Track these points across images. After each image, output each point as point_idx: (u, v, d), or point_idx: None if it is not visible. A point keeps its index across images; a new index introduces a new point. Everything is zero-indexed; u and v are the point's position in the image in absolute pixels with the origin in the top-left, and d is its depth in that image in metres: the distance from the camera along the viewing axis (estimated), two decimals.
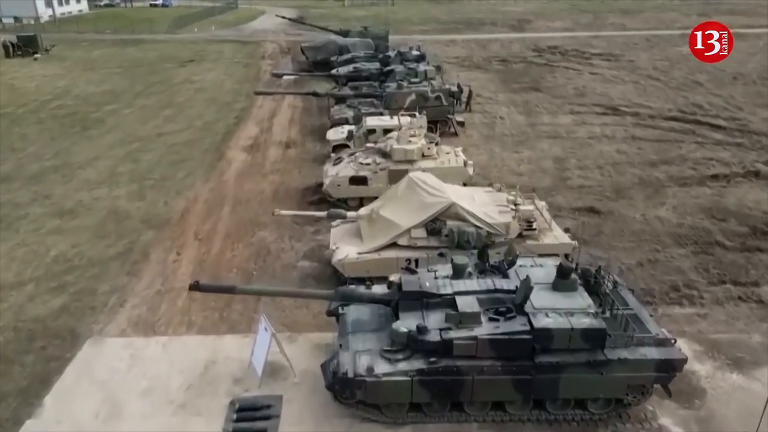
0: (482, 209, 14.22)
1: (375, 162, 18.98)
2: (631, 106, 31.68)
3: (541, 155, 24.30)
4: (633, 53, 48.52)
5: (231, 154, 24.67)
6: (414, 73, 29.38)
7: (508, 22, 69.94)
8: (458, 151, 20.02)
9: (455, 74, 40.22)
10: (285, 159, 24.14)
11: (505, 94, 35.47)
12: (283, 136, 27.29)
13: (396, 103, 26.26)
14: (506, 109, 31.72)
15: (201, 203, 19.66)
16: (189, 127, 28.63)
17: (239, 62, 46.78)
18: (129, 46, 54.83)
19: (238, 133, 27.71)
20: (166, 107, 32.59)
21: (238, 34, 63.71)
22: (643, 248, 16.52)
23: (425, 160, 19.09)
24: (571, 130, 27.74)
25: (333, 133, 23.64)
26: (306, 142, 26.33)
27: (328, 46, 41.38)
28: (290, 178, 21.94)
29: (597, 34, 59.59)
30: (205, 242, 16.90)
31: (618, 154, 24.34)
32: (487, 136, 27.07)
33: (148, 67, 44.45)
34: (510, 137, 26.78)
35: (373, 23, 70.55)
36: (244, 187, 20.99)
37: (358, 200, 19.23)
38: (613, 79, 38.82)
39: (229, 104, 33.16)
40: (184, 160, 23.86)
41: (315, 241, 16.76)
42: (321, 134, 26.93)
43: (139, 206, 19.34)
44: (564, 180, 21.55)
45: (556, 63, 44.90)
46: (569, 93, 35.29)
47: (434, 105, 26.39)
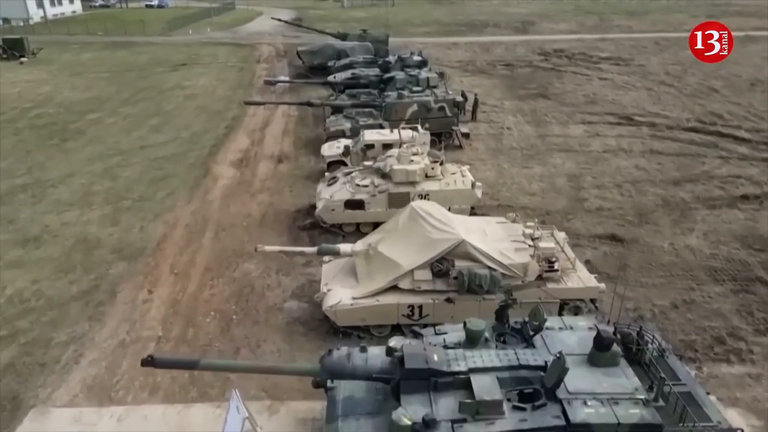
0: (496, 246, 12.34)
1: (373, 184, 17.11)
2: (646, 116, 29.80)
3: (554, 171, 22.41)
4: (643, 57, 46.64)
5: (218, 170, 22.78)
6: (415, 81, 27.51)
7: (511, 24, 68.08)
8: (465, 170, 18.13)
9: (458, 80, 38.38)
10: (276, 175, 22.26)
11: (511, 101, 33.60)
12: (275, 149, 25.40)
13: (396, 114, 24.39)
14: (513, 119, 29.84)
15: (181, 229, 17.78)
16: (175, 139, 26.74)
17: (233, 66, 44.91)
18: (120, 49, 52.94)
19: (227, 146, 25.82)
20: (153, 116, 30.70)
21: (233, 36, 61.83)
22: (676, 285, 14.64)
23: (429, 182, 17.22)
24: (584, 142, 25.85)
25: (328, 148, 21.76)
26: (299, 156, 24.45)
27: (326, 50, 39.50)
28: (281, 198, 20.06)
29: (604, 37, 57.71)
30: (181, 277, 15.02)
31: (637, 170, 22.45)
32: (494, 149, 25.19)
33: (138, 72, 42.57)
34: (519, 150, 24.90)
35: (373, 25, 68.66)
36: (229, 209, 19.11)
37: (354, 226, 17.43)
38: (625, 86, 36.93)
39: (219, 113, 31.27)
40: (167, 177, 21.97)
41: (305, 276, 14.90)
42: (316, 147, 25.06)
43: (111, 233, 17.46)
44: (580, 201, 19.66)
45: (564, 67, 43.02)
46: (579, 100, 33.42)
47: (437, 116, 24.52)
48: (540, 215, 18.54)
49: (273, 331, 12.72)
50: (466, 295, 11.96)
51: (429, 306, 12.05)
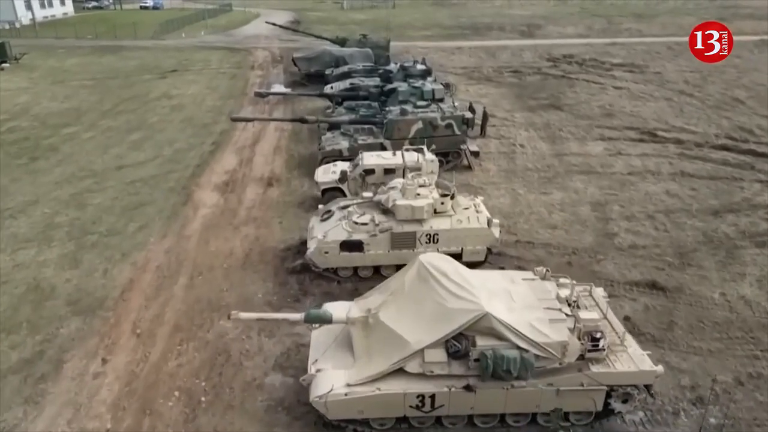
0: (526, 317, 9.91)
1: (373, 221, 14.70)
2: (670, 130, 27.40)
3: (576, 198, 20.00)
4: (657, 63, 44.26)
5: (200, 196, 20.37)
6: (419, 94, 25.15)
7: (516, 27, 65.71)
8: (479, 203, 15.70)
9: (464, 89, 36.02)
10: (265, 202, 19.86)
11: (521, 113, 31.20)
12: (265, 170, 23.00)
13: (399, 132, 22.00)
14: (526, 134, 27.44)
15: (151, 272, 15.35)
16: (156, 157, 24.33)
17: (225, 73, 42.51)
18: (108, 54, 50.54)
19: (212, 166, 23.40)
20: (134, 130, 28.28)
21: (228, 40, 59.44)
22: (736, 351, 12.24)
23: (438, 219, 14.81)
24: (605, 162, 23.44)
25: (323, 173, 19.35)
26: (292, 179, 22.04)
27: (323, 57, 37.09)
28: (268, 232, 17.65)
29: (614, 41, 55.36)
30: (144, 339, 12.61)
31: (668, 197, 20.04)
32: (507, 170, 22.77)
33: (124, 79, 40.15)
34: (535, 172, 22.49)
35: (373, 28, 66.34)
36: (209, 247, 16.69)
37: (351, 270, 15.03)
38: (642, 95, 34.54)
39: (207, 126, 28.86)
40: (142, 205, 19.56)
41: (291, 338, 12.50)
42: (310, 167, 22.66)
43: (69, 278, 15.04)
44: (610, 236, 17.23)
45: (575, 75, 40.64)
46: (595, 112, 31.02)
47: (444, 134, 22.13)
48: (565, 254, 16.17)
49: (249, 419, 10.31)
50: (490, 382, 9.55)
51: (444, 395, 9.64)
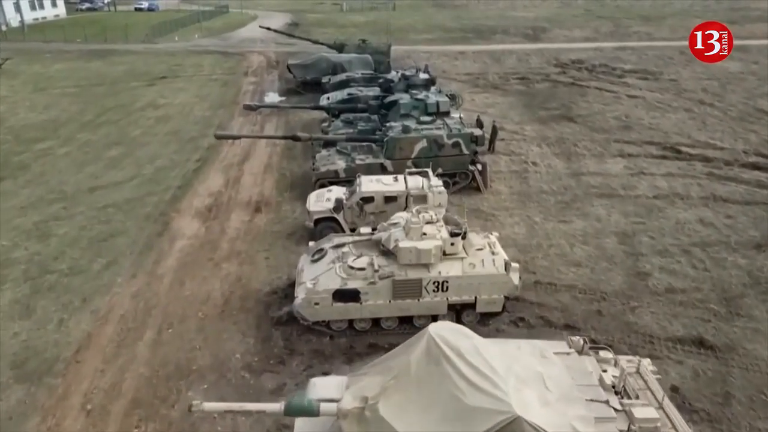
0: (566, 415, 7.77)
1: (372, 266, 12.57)
2: (694, 146, 25.29)
3: (599, 228, 17.87)
4: (671, 70, 42.15)
5: (179, 224, 18.24)
6: (423, 107, 23.07)
7: (521, 30, 63.61)
8: (494, 241, 13.55)
9: (469, 98, 33.90)
10: (251, 232, 17.73)
11: (532, 125, 29.09)
12: (253, 192, 20.89)
13: (401, 152, 19.88)
14: (538, 149, 25.32)
15: (113, 324, 13.23)
16: (134, 177, 22.21)
17: (217, 80, 40.39)
18: (96, 59, 48.45)
19: (195, 187, 21.28)
20: (114, 145, 26.17)
21: (222, 43, 57.34)
22: None
23: (447, 262, 12.68)
24: (627, 183, 21.31)
25: (315, 201, 17.21)
26: (282, 203, 19.91)
27: (319, 64, 34.99)
28: (253, 269, 15.52)
29: (623, 45, 53.30)
30: (95, 418, 10.48)
31: (703, 226, 17.92)
32: (520, 192, 20.65)
33: (110, 87, 38.04)
34: (551, 195, 20.36)
35: (373, 31, 64.29)
36: (183, 290, 14.56)
37: (346, 323, 12.91)
38: (659, 105, 32.44)
39: (193, 140, 26.75)
40: (113, 236, 17.43)
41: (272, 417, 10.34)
42: (303, 188, 20.62)
43: (18, 331, 12.92)
44: (642, 276, 15.10)
45: (585, 82, 38.54)
46: (610, 125, 28.91)
47: (451, 154, 20.02)
48: (593, 300, 14.05)
49: None
50: None
51: None
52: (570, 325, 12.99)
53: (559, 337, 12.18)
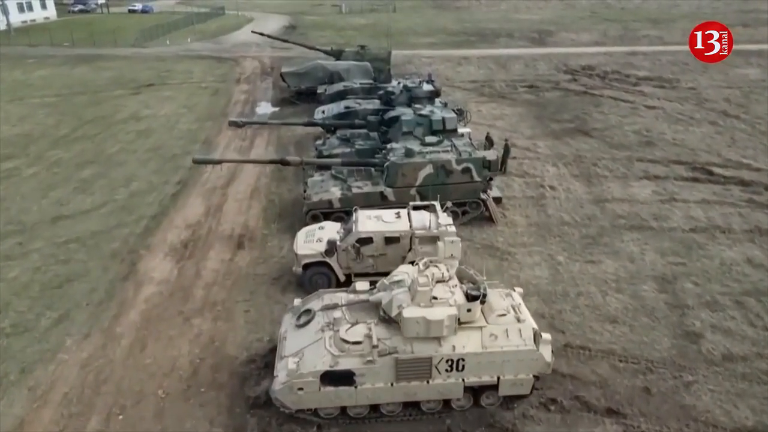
0: None
1: (369, 338, 10.19)
2: (726, 166, 22.92)
3: (633, 270, 15.46)
4: (688, 77, 39.81)
5: (148, 265, 15.84)
6: (427, 123, 20.73)
7: (526, 34, 61.27)
8: (519, 303, 11.14)
9: (475, 108, 31.55)
10: (230, 275, 15.33)
11: (545, 140, 26.71)
12: (237, 222, 18.50)
13: (404, 178, 17.49)
14: (555, 170, 22.93)
15: (53, 406, 10.82)
16: (105, 204, 19.82)
17: (207, 88, 38.00)
18: (82, 64, 46.07)
19: (172, 216, 18.89)
20: (88, 163, 23.78)
21: (216, 47, 54.97)
22: None
23: (464, 333, 10.29)
24: (659, 212, 18.92)
25: (304, 242, 14.76)
26: (269, 237, 17.51)
27: (315, 72, 32.60)
28: (229, 327, 13.12)
29: (634, 50, 50.98)
30: None
31: (753, 268, 15.51)
32: (538, 224, 18.25)
33: (92, 96, 35.64)
34: (574, 227, 17.96)
35: (373, 34, 61.87)
36: (144, 356, 12.16)
37: (337, 408, 10.50)
38: (681, 118, 30.07)
39: (175, 159, 24.35)
40: (70, 281, 15.04)
41: None
42: (292, 218, 18.33)
43: None
44: (692, 338, 12.68)
45: (598, 91, 36.19)
46: (630, 140, 26.54)
47: (461, 181, 17.62)
48: (638, 372, 11.66)
49: None
50: None
51: None
52: (613, 409, 10.59)
53: (601, 427, 9.83)
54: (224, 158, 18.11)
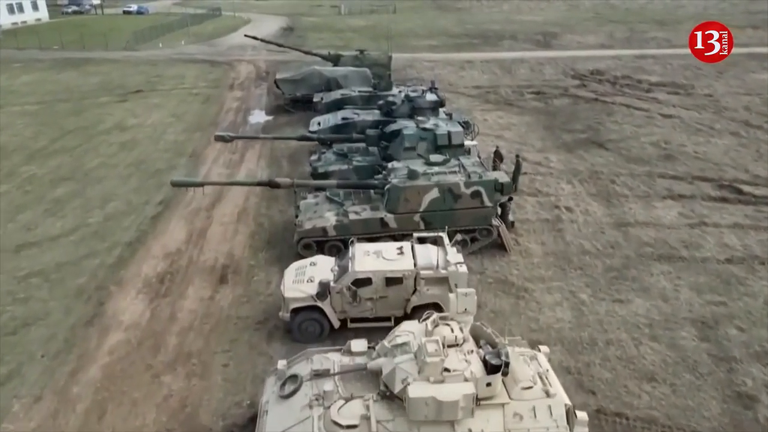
0: None
1: (367, 420, 8.35)
2: (756, 183, 21.08)
3: (667, 312, 13.61)
4: (703, 83, 37.98)
5: (118, 305, 14.00)
6: (431, 138, 18.98)
7: (530, 36, 59.47)
8: (546, 369, 9.32)
9: (481, 117, 29.76)
10: (210, 318, 13.49)
11: (557, 153, 24.88)
12: (221, 250, 16.65)
13: (406, 204, 15.64)
14: (570, 188, 21.10)
15: None
16: (76, 229, 17.99)
17: (199, 94, 36.17)
18: (70, 69, 44.26)
19: (149, 244, 17.04)
20: (64, 180, 21.96)
21: (210, 50, 53.16)
22: None
23: (482, 413, 8.45)
24: (689, 239, 17.07)
25: (293, 282, 12.86)
26: (255, 269, 15.66)
27: (311, 79, 30.72)
28: (204, 388, 11.26)
29: (643, 53, 49.20)
30: None
31: None
32: (556, 253, 16.40)
33: (76, 103, 33.82)
34: (596, 257, 16.11)
35: (372, 36, 59.99)
36: (101, 425, 10.30)
37: None
38: (700, 128, 28.24)
39: (159, 174, 22.54)
40: (27, 325, 13.20)
41: None
42: (283, 246, 16.55)
43: None
44: (745, 403, 10.81)
45: (610, 98, 34.37)
46: (649, 153, 24.71)
47: (470, 206, 15.77)
48: None
49: None
50: None
51: None
52: None
53: None
54: (206, 180, 16.25)
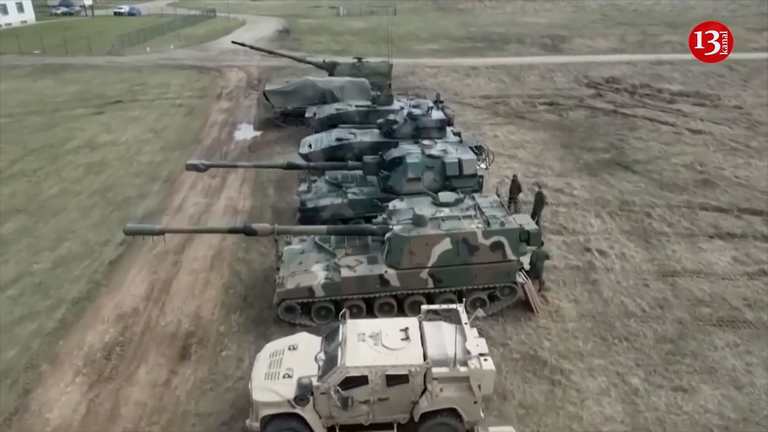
0: None
1: None
2: None
3: (744, 406, 10.69)
4: (729, 92, 35.10)
5: (46, 396, 11.07)
6: (440, 168, 16.21)
7: (537, 39, 56.56)
8: None
9: (490, 133, 26.89)
10: (160, 415, 10.57)
11: (580, 178, 21.96)
12: (186, 311, 13.72)
13: (412, 257, 12.74)
14: (599, 223, 18.17)
15: None
16: (17, 279, 15.06)
17: (182, 106, 33.24)
18: (48, 76, 41.34)
19: (101, 301, 14.12)
20: (15, 213, 19.04)
21: (200, 55, 50.23)
22: None
23: None
24: (752, 296, 14.13)
25: (266, 375, 9.86)
26: (226, 340, 12.72)
27: (303, 91, 27.77)
28: None
29: (659, 59, 46.34)
30: None
31: None
32: (593, 316, 13.46)
33: (48, 116, 30.90)
34: (643, 321, 13.17)
35: (372, 39, 57.04)
36: None
37: None
38: (736, 146, 25.36)
39: (126, 205, 19.64)
40: None
41: None
42: (261, 305, 13.60)
43: None
44: None
45: (630, 109, 31.51)
46: (683, 176, 21.84)
47: (490, 261, 12.86)
48: None
49: None
50: None
51: None
52: None
53: None
54: (167, 228, 13.31)
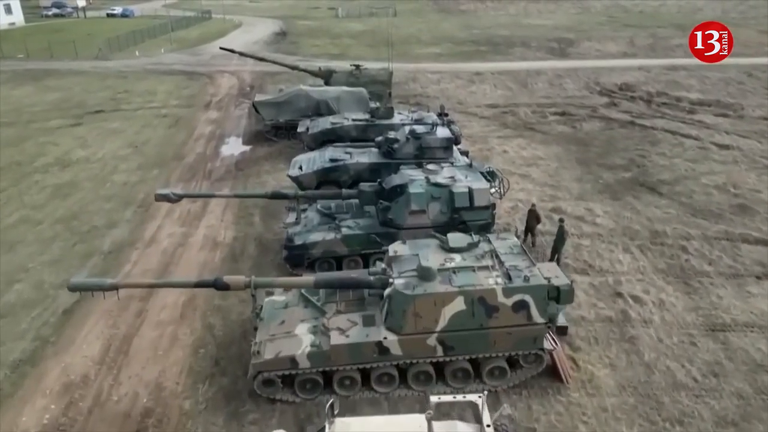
0: None
1: None
2: None
3: None
4: (752, 101, 32.87)
5: None
6: (447, 197, 14.06)
7: (543, 43, 54.28)
8: None
9: (499, 147, 24.65)
10: None
11: (601, 202, 19.68)
12: (145, 379, 11.44)
13: (417, 320, 10.44)
14: (629, 259, 15.88)
15: None
16: None
17: (168, 115, 31.02)
18: (29, 83, 39.11)
19: (45, 365, 11.84)
20: None
21: (191, 59, 48.02)
22: None
23: None
24: None
25: None
26: (191, 419, 10.45)
27: (296, 102, 25.50)
28: None
29: (672, 64, 43.95)
30: None
31: None
32: (635, 387, 11.16)
33: (21, 129, 28.64)
34: (696, 395, 10.90)
35: (372, 42, 54.88)
36: None
37: None
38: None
39: (91, 236, 17.36)
40: None
41: None
42: (236, 373, 11.33)
43: None
44: None
45: (648, 120, 29.30)
46: (717, 200, 19.58)
47: (513, 324, 10.58)
48: None
49: None
50: None
51: None
52: None
53: None
54: (120, 282, 10.93)
